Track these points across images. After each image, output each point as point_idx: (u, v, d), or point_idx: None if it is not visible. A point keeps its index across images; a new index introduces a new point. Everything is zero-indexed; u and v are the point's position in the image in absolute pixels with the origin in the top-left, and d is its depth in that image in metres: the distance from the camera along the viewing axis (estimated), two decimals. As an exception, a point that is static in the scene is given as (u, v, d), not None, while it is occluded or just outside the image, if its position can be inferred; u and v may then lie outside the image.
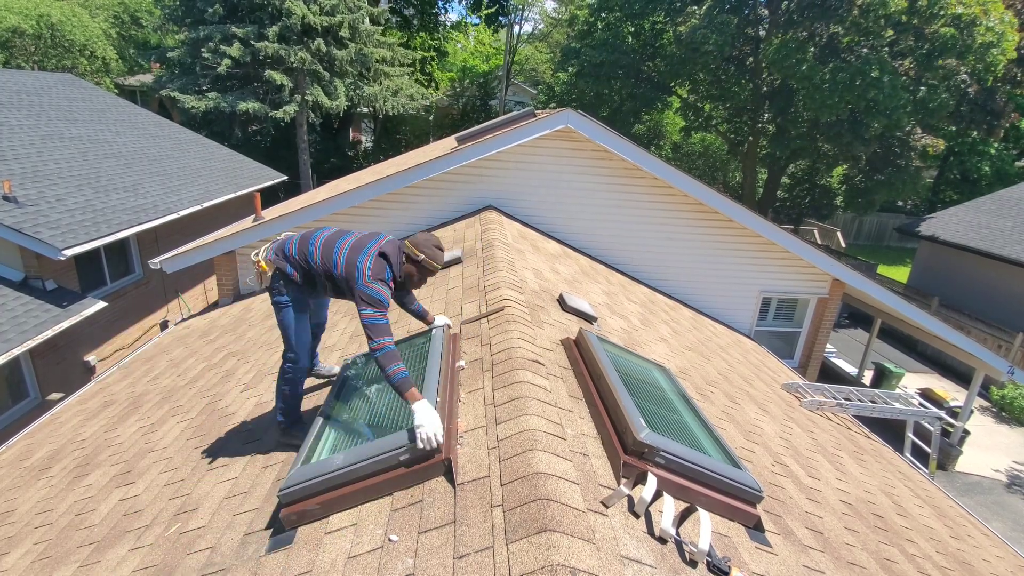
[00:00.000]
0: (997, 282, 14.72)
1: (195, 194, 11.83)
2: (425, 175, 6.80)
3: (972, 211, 16.64)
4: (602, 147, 6.94)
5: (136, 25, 27.52)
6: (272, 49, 16.89)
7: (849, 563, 2.60)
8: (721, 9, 18.46)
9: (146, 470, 3.31)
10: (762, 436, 3.91)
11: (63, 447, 4.18)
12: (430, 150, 10.62)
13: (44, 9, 20.62)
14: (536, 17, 49.63)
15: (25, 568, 2.69)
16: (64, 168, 9.89)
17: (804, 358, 8.71)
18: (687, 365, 4.78)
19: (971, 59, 15.35)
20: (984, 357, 8.83)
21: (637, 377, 3.07)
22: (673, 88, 22.77)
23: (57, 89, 13.25)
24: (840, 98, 15.96)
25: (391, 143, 27.41)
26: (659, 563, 1.83)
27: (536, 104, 26.95)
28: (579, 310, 4.23)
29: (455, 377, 2.86)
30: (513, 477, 2.00)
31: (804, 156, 21.29)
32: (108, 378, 5.75)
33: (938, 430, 7.48)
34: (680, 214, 7.55)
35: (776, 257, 7.93)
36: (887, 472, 4.70)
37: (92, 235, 8.39)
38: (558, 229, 7.39)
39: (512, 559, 1.66)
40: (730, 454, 2.55)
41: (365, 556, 1.93)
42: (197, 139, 15.52)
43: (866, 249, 25.99)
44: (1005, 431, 11.32)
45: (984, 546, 4.13)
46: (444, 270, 5.02)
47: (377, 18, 21.24)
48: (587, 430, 2.52)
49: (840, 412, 5.79)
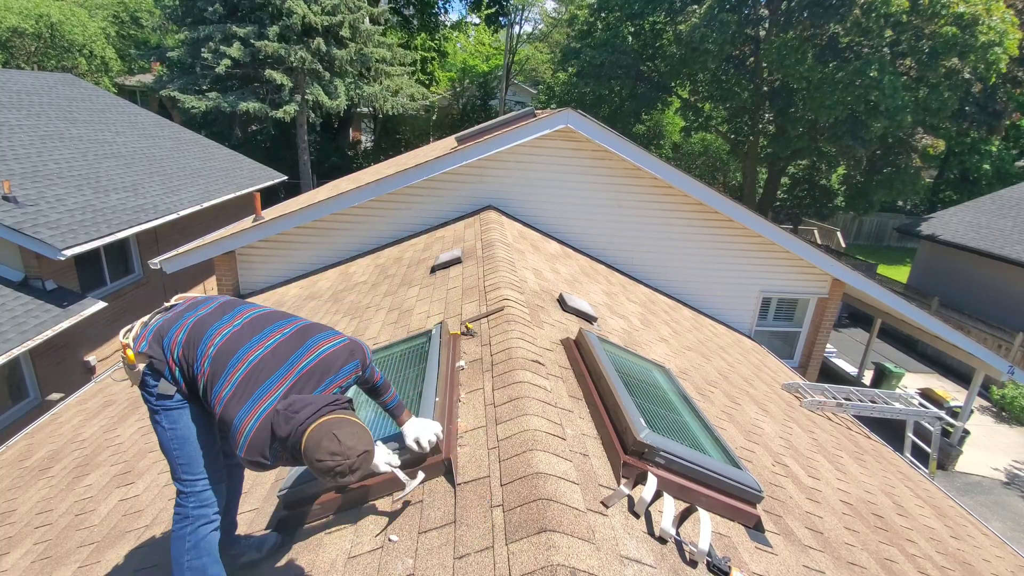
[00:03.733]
0: (997, 282, 14.72)
1: (195, 194, 11.83)
2: (425, 175, 6.80)
3: (972, 211, 16.63)
4: (602, 147, 6.93)
5: (136, 25, 27.52)
6: (272, 49, 16.90)
7: (849, 563, 2.59)
8: (721, 9, 18.45)
9: (146, 470, 3.31)
10: (762, 436, 3.91)
11: (63, 447, 4.18)
12: (430, 150, 10.62)
13: (43, 9, 20.62)
14: (536, 17, 49.58)
15: (25, 568, 2.69)
16: (64, 168, 9.89)
17: (804, 358, 8.70)
18: (687, 365, 4.78)
19: (973, 58, 15.35)
20: (984, 357, 8.83)
21: (637, 377, 3.07)
22: (673, 88, 22.76)
23: (57, 89, 13.25)
24: (840, 99, 15.95)
25: (391, 143, 27.41)
26: (659, 563, 1.83)
27: (536, 104, 26.93)
28: (579, 310, 4.23)
29: (455, 377, 2.86)
30: (513, 477, 2.00)
31: (804, 156, 21.30)
32: (108, 378, 5.75)
33: (938, 430, 7.47)
34: (680, 214, 7.55)
35: (776, 257, 7.93)
36: (887, 472, 4.70)
37: (92, 235, 8.39)
38: (558, 229, 7.39)
39: (512, 559, 1.66)
40: (730, 454, 2.55)
41: (365, 556, 1.93)
42: (197, 139, 15.52)
43: (866, 249, 25.99)
44: (1005, 431, 11.32)
45: (984, 546, 4.13)
46: (444, 270, 5.02)
47: (377, 18, 21.25)
48: (587, 430, 2.52)
49: (840, 412, 5.79)
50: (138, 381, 1.83)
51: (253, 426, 1.61)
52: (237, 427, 1.62)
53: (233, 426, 1.63)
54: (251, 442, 1.60)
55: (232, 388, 1.68)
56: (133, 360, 1.80)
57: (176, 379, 1.80)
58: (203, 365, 1.75)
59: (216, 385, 1.70)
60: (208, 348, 1.77)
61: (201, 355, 1.76)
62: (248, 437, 1.60)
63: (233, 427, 1.63)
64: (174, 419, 1.81)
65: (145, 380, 1.81)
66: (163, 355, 1.80)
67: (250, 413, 1.63)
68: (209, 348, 1.77)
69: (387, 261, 6.39)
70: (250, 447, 1.60)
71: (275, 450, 1.64)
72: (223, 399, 1.67)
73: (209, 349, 1.77)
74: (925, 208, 25.94)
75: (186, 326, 1.84)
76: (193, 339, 1.80)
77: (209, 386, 1.72)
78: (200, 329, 1.83)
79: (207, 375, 1.73)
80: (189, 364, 1.78)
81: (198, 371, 1.75)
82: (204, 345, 1.78)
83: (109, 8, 26.28)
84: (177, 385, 1.80)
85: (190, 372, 1.77)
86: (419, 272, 5.32)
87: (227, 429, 1.65)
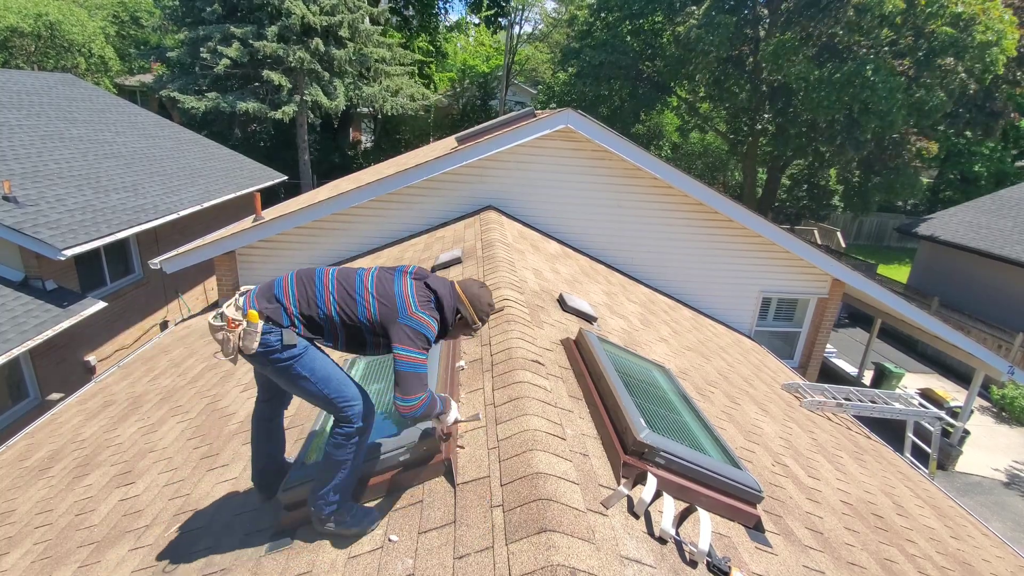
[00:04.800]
0: (997, 282, 14.73)
1: (195, 194, 11.83)
2: (425, 175, 6.80)
3: (972, 211, 16.64)
4: (602, 147, 6.94)
5: (136, 24, 27.51)
6: (271, 49, 16.89)
7: (849, 563, 2.60)
8: (720, 9, 18.46)
9: (146, 470, 3.31)
10: (762, 436, 3.91)
11: (63, 447, 4.18)
12: (430, 150, 10.62)
13: (42, 8, 20.62)
14: (536, 17, 49.63)
15: (25, 568, 2.69)
16: (64, 168, 9.89)
17: (804, 358, 8.71)
18: (687, 365, 4.78)
19: (970, 58, 15.35)
20: (984, 357, 8.83)
21: (637, 377, 3.07)
22: (672, 88, 22.77)
23: (57, 89, 13.25)
24: (836, 99, 15.95)
25: (391, 143, 27.41)
26: (659, 563, 1.83)
27: (536, 104, 26.92)
28: (579, 310, 4.23)
29: (455, 377, 2.86)
30: (513, 477, 2.00)
31: (803, 156, 21.30)
32: (108, 378, 5.75)
33: (938, 430, 7.47)
34: (680, 214, 7.55)
35: (776, 257, 7.93)
36: (887, 472, 4.70)
37: (92, 235, 8.39)
38: (558, 229, 7.39)
39: (512, 559, 1.66)
40: (730, 454, 2.55)
41: (365, 556, 1.93)
42: (197, 139, 15.52)
43: (866, 249, 26.00)
44: (1005, 431, 11.32)
45: (984, 546, 4.13)
46: (444, 270, 5.03)
47: (377, 18, 21.24)
48: (587, 430, 2.52)
49: (840, 412, 5.79)
50: (255, 344, 1.89)
51: (412, 288, 2.04)
52: (400, 292, 2.01)
53: (397, 295, 2.00)
54: (417, 296, 2.01)
55: (375, 292, 2.01)
56: (256, 319, 1.90)
57: (295, 321, 1.96)
58: (327, 291, 2.01)
59: (357, 292, 2.01)
60: (326, 278, 2.04)
61: (321, 285, 2.02)
62: (413, 293, 2.02)
63: (397, 296, 2.00)
64: (308, 363, 1.96)
65: (267, 340, 1.91)
66: (278, 304, 1.96)
67: (402, 284, 2.05)
68: (327, 278, 2.04)
69: (387, 261, 6.39)
70: (418, 299, 2.01)
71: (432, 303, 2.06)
72: (373, 297, 2.00)
73: (327, 278, 2.04)
74: (925, 208, 25.94)
75: (289, 277, 2.06)
76: (304, 280, 2.04)
77: (348, 306, 1.99)
78: (307, 273, 2.07)
79: (335, 294, 2.00)
80: (309, 300, 1.99)
81: (321, 300, 1.99)
82: (320, 279, 2.04)
83: (108, 8, 26.28)
84: (298, 329, 1.96)
85: (310, 308, 1.98)
86: (419, 272, 5.31)
87: (393, 306, 1.98)
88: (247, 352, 1.91)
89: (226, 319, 1.91)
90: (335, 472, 1.97)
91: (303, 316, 1.97)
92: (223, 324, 1.92)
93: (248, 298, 1.98)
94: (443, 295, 2.09)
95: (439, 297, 2.09)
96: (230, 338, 1.90)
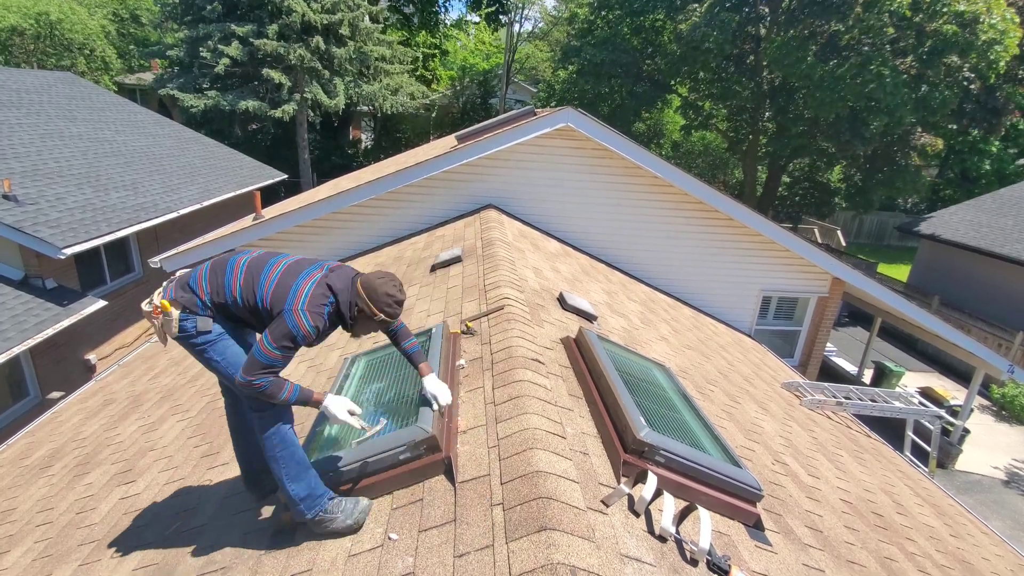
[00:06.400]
0: (997, 281, 14.71)
1: (195, 193, 11.82)
2: (425, 174, 6.79)
3: (972, 210, 16.62)
4: (602, 145, 6.93)
5: (136, 23, 27.48)
6: (271, 47, 16.87)
7: (849, 561, 2.60)
8: (722, 7, 18.41)
9: (146, 469, 3.32)
10: (762, 435, 3.91)
11: (63, 446, 4.18)
12: (430, 148, 10.62)
13: (43, 7, 20.59)
14: (536, 15, 49.56)
15: (26, 566, 2.70)
16: (64, 167, 9.89)
17: (804, 357, 8.70)
18: (687, 364, 4.78)
19: (974, 56, 15.33)
20: (984, 356, 8.83)
21: (637, 376, 3.07)
22: (673, 86, 22.73)
23: (57, 88, 13.24)
24: (841, 96, 15.92)
25: (391, 141, 27.39)
26: (659, 562, 1.83)
27: (536, 102, 26.90)
28: (579, 309, 4.23)
29: (455, 376, 2.86)
30: (513, 476, 2.00)
31: (804, 154, 21.27)
32: (108, 376, 5.76)
33: (938, 429, 7.48)
34: (680, 213, 7.55)
35: (776, 256, 7.92)
36: (887, 471, 4.71)
37: (92, 234, 8.38)
38: (558, 228, 7.39)
39: (512, 557, 1.66)
40: (730, 453, 2.55)
41: (365, 555, 1.93)
42: (197, 138, 15.51)
43: (866, 248, 25.98)
44: (1005, 430, 11.32)
45: (984, 544, 4.13)
46: (444, 269, 5.02)
47: (377, 16, 21.22)
48: (587, 429, 2.52)
49: (840, 411, 5.79)
50: (175, 329, 2.04)
51: (311, 285, 2.01)
52: (297, 287, 2.00)
53: (293, 288, 1.99)
54: (312, 296, 1.98)
55: (276, 279, 2.04)
56: (169, 308, 2.03)
57: (210, 308, 2.07)
58: (235, 281, 2.07)
59: (259, 283, 2.05)
60: (236, 269, 2.10)
61: (231, 274, 2.08)
62: (309, 292, 1.99)
63: (293, 289, 1.99)
64: (221, 349, 2.09)
65: (183, 326, 2.04)
66: (192, 293, 2.07)
67: (305, 280, 2.03)
68: (237, 269, 2.10)
69: (387, 260, 6.39)
70: (311, 300, 1.98)
71: (328, 307, 2.03)
72: (272, 283, 2.03)
73: (237, 269, 2.10)
74: (926, 207, 25.90)
75: (205, 267, 2.14)
76: (217, 269, 2.11)
77: (250, 289, 2.05)
78: (220, 263, 2.14)
79: (242, 284, 2.06)
80: (219, 289, 2.07)
81: (228, 286, 2.07)
82: (231, 269, 2.10)
83: (108, 6, 26.25)
84: (212, 316, 2.08)
85: (221, 296, 2.07)
86: (419, 271, 5.32)
87: (284, 298, 1.98)
88: (171, 336, 2.07)
89: (152, 306, 2.08)
90: (273, 467, 2.05)
91: (215, 304, 2.08)
92: (150, 311, 2.09)
93: (167, 289, 2.11)
94: (339, 290, 2.08)
95: (336, 294, 2.07)
96: (155, 324, 2.08)
